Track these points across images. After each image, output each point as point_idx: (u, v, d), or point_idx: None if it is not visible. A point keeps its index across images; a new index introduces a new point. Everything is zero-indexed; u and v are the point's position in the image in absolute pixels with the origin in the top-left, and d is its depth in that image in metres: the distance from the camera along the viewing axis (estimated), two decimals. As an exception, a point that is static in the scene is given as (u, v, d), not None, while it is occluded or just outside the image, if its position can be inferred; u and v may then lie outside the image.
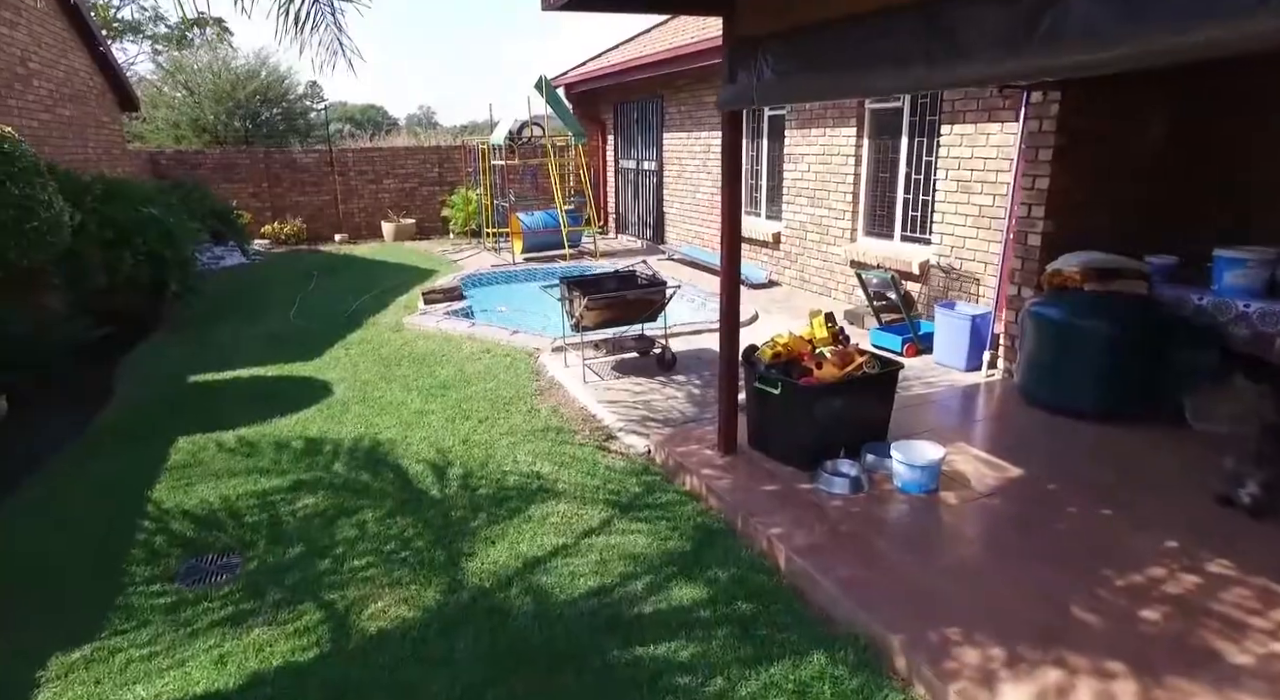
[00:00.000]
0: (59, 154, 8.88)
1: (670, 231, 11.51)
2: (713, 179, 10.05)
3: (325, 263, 11.62)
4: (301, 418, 5.03)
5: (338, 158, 14.49)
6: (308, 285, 9.64)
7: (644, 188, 12.39)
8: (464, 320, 7.28)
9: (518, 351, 6.35)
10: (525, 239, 10.99)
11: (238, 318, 8.03)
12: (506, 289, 9.52)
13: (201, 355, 6.60)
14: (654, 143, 11.81)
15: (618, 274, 6.13)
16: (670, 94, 10.85)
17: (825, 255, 7.95)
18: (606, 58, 12.72)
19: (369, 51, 4.99)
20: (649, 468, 4.20)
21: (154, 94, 15.75)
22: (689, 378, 5.60)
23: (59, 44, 9.42)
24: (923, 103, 6.57)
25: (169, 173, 13.37)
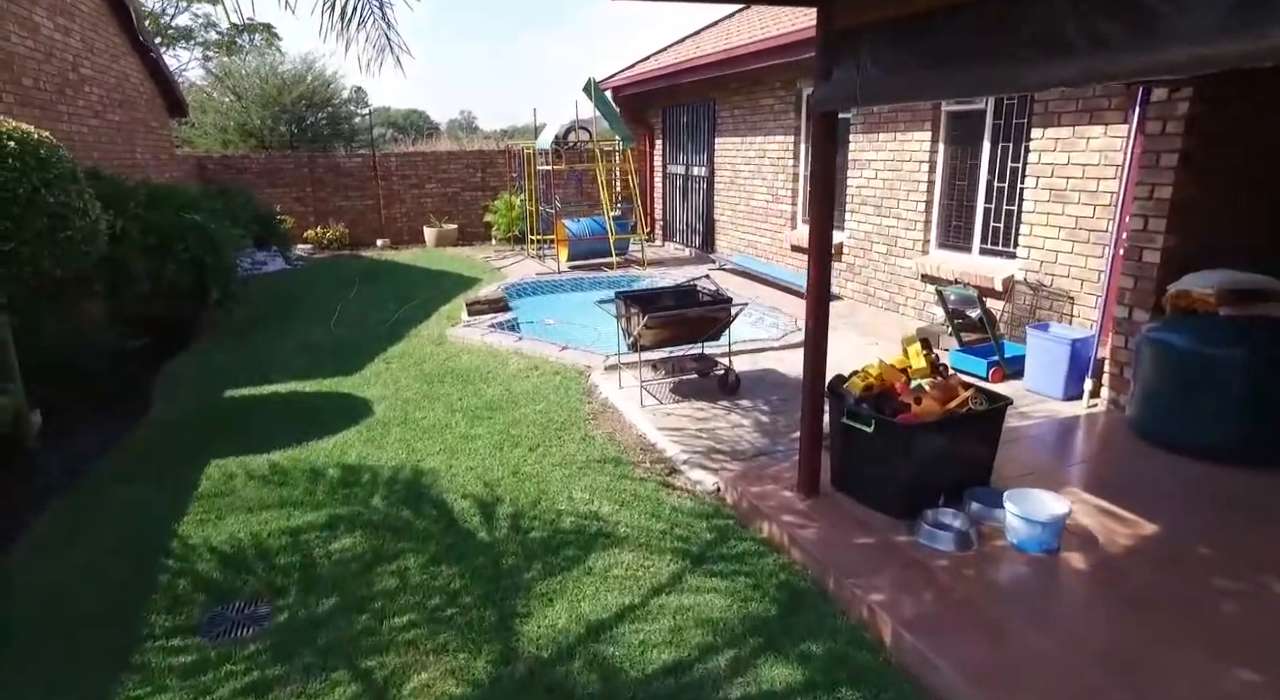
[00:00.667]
0: (107, 159, 8.79)
1: (721, 240, 11.06)
2: (767, 185, 9.59)
3: (367, 269, 11.43)
4: (339, 441, 4.70)
5: (381, 162, 14.36)
6: (349, 292, 9.42)
7: (693, 194, 11.97)
8: (510, 334, 6.93)
9: (568, 369, 5.96)
10: (571, 247, 10.64)
11: (278, 326, 7.81)
12: (553, 299, 9.18)
13: (240, 366, 6.35)
14: (704, 147, 11.38)
15: (678, 289, 5.70)
16: (723, 97, 10.41)
17: (893, 268, 7.43)
18: (656, 60, 12.34)
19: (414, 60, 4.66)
20: (720, 509, 3.76)
21: (203, 99, 15.85)
22: (755, 402, 5.15)
23: (110, 50, 9.36)
24: (1009, 105, 6.03)
25: (216, 177, 13.36)
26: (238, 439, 4.78)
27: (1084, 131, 5.20)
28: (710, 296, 5.40)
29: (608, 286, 9.67)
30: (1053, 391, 5.02)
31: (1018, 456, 4.02)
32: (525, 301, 8.97)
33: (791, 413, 4.93)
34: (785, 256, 9.35)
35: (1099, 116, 5.07)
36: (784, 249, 9.35)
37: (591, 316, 7.97)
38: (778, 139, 9.22)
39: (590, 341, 6.98)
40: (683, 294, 5.55)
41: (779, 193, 9.34)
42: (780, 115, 9.11)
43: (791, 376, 5.69)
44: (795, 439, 4.49)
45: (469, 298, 8.11)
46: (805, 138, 8.82)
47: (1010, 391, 5.18)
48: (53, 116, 7.46)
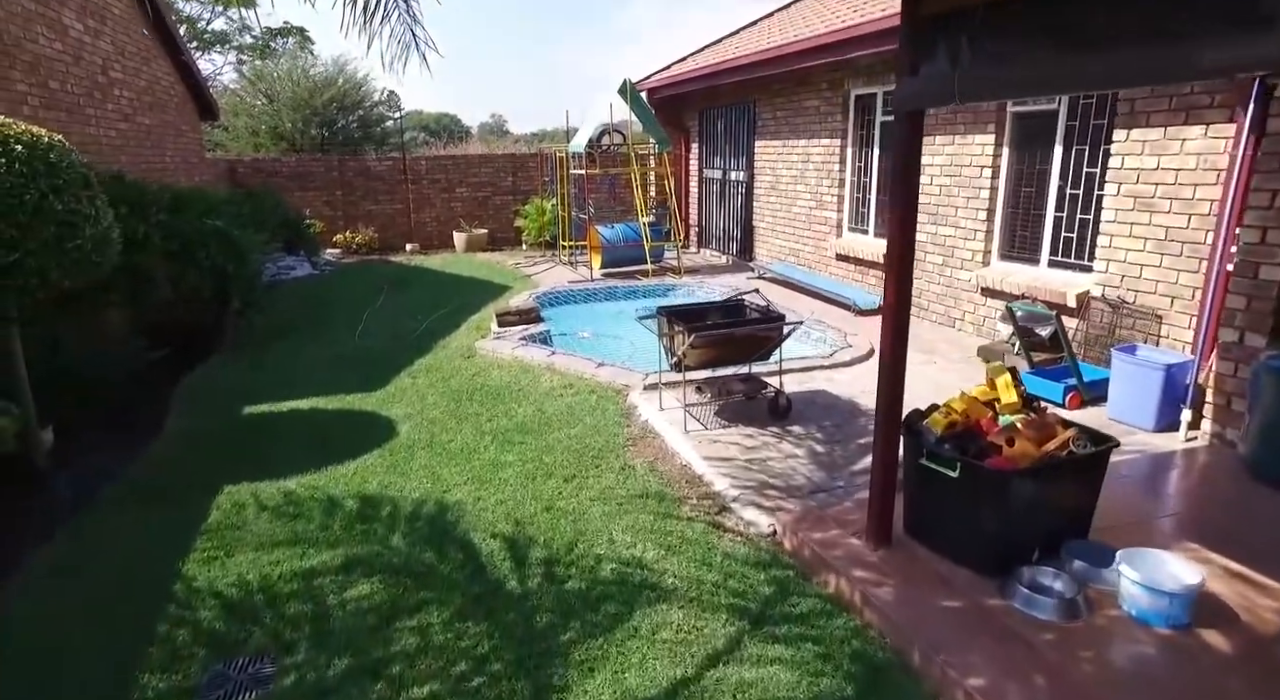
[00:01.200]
0: (135, 163, 8.64)
1: (760, 247, 10.63)
2: (811, 191, 9.14)
3: (395, 275, 11.19)
4: (360, 466, 4.37)
5: (411, 165, 14.16)
6: (376, 300, 9.16)
7: (730, 199, 11.55)
8: (542, 348, 6.58)
9: (604, 388, 5.59)
10: (604, 254, 10.29)
11: (302, 335, 7.55)
12: (586, 309, 8.82)
13: (261, 380, 6.08)
14: (743, 151, 10.96)
15: (725, 304, 5.29)
16: (764, 99, 9.99)
17: (949, 280, 6.94)
18: (693, 60, 11.95)
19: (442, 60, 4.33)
20: (778, 557, 3.35)
21: (235, 102, 15.81)
22: (807, 429, 4.72)
23: (141, 53, 9.23)
24: (1086, 104, 5.54)
25: (247, 181, 13.26)
26: (253, 461, 4.48)
27: (1179, 133, 4.70)
28: (760, 313, 4.98)
29: (643, 296, 9.30)
30: (1142, 422, 4.52)
31: (1116, 500, 3.54)
32: (557, 311, 8.63)
33: (849, 442, 4.50)
34: (829, 266, 8.89)
35: (1197, 115, 4.57)
36: (828, 258, 8.90)
37: (628, 329, 7.61)
38: (823, 142, 8.77)
39: (627, 356, 6.60)
40: (730, 309, 5.15)
41: (823, 199, 8.89)
42: (826, 117, 8.66)
43: (844, 399, 5.25)
44: (856, 473, 4.07)
45: (499, 308, 7.78)
46: (853, 141, 8.37)
47: (1091, 420, 4.69)
48: (80, 120, 7.30)
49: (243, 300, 6.94)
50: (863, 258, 8.10)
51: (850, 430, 4.68)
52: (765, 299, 5.11)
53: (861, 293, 8.01)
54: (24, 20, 6.38)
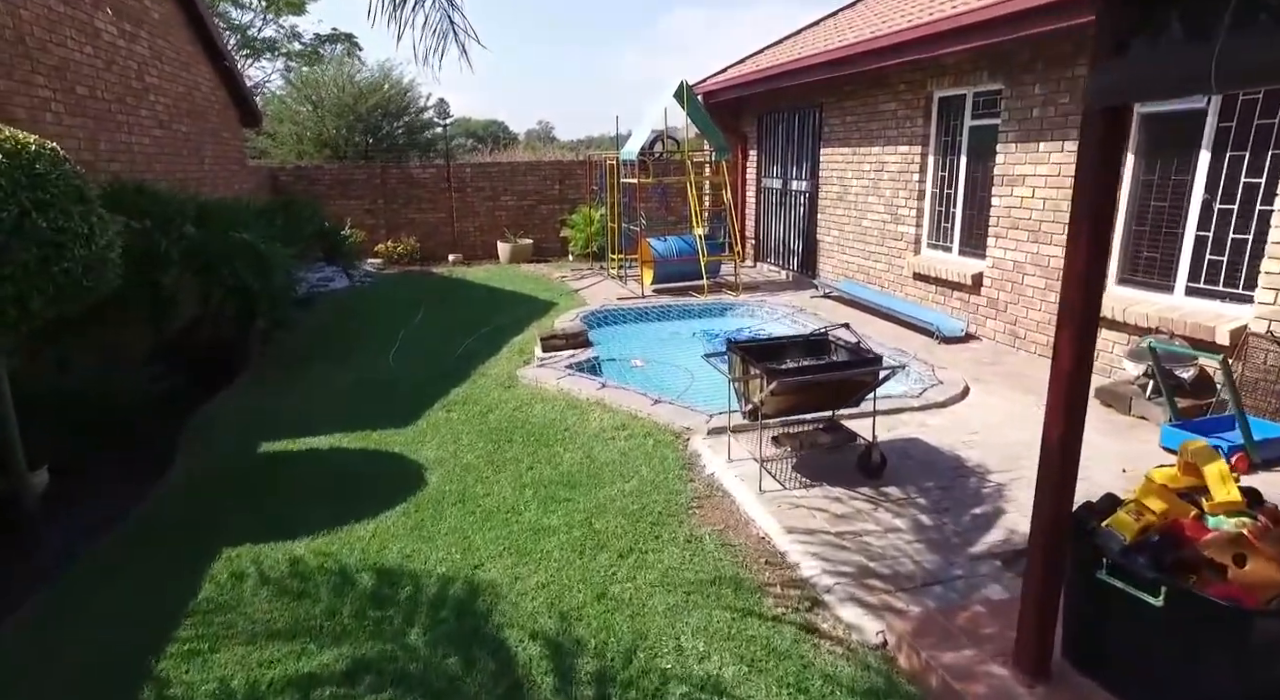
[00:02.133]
0: (170, 171, 8.29)
1: (824, 263, 9.82)
2: (885, 203, 8.32)
3: (436, 288, 10.70)
4: (380, 526, 3.76)
5: (455, 173, 13.72)
6: (414, 316, 8.64)
7: (791, 210, 10.77)
8: (590, 378, 5.91)
9: (662, 431, 4.89)
10: (656, 269, 9.61)
11: (333, 356, 7.04)
12: (638, 330, 8.14)
13: (283, 410, 5.55)
14: (807, 159, 10.19)
15: (807, 339, 4.53)
16: (832, 102, 9.21)
17: (1054, 307, 6.06)
18: (753, 62, 11.22)
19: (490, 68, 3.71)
20: (894, 682, 2.60)
21: (280, 109, 15.62)
22: (906, 492, 3.95)
23: (180, 58, 8.90)
24: (1248, 101, 4.65)
25: (289, 189, 12.98)
26: (261, 514, 3.91)
27: (1377, 138, 3.81)
28: (851, 351, 4.22)
29: (698, 316, 8.59)
30: (1335, 496, 3.63)
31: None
32: (606, 332, 7.96)
33: (960, 511, 3.72)
34: (906, 285, 8.05)
35: None
36: (904, 277, 8.06)
37: (684, 354, 6.92)
38: (900, 150, 7.96)
39: (684, 388, 5.90)
40: (813, 345, 4.39)
41: (899, 211, 8.06)
42: (904, 122, 7.85)
43: (944, 451, 4.45)
44: (977, 558, 3.30)
45: (544, 330, 7.14)
46: (935, 148, 7.53)
47: (1262, 487, 3.82)
48: (110, 127, 6.91)
49: (269, 319, 6.44)
50: (945, 278, 7.25)
51: (960, 495, 3.89)
52: (855, 333, 4.34)
53: (944, 318, 7.16)
54: (50, 24, 6.00)
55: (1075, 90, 5.61)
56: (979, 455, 4.38)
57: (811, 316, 7.97)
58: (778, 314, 8.35)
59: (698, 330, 7.56)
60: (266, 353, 6.80)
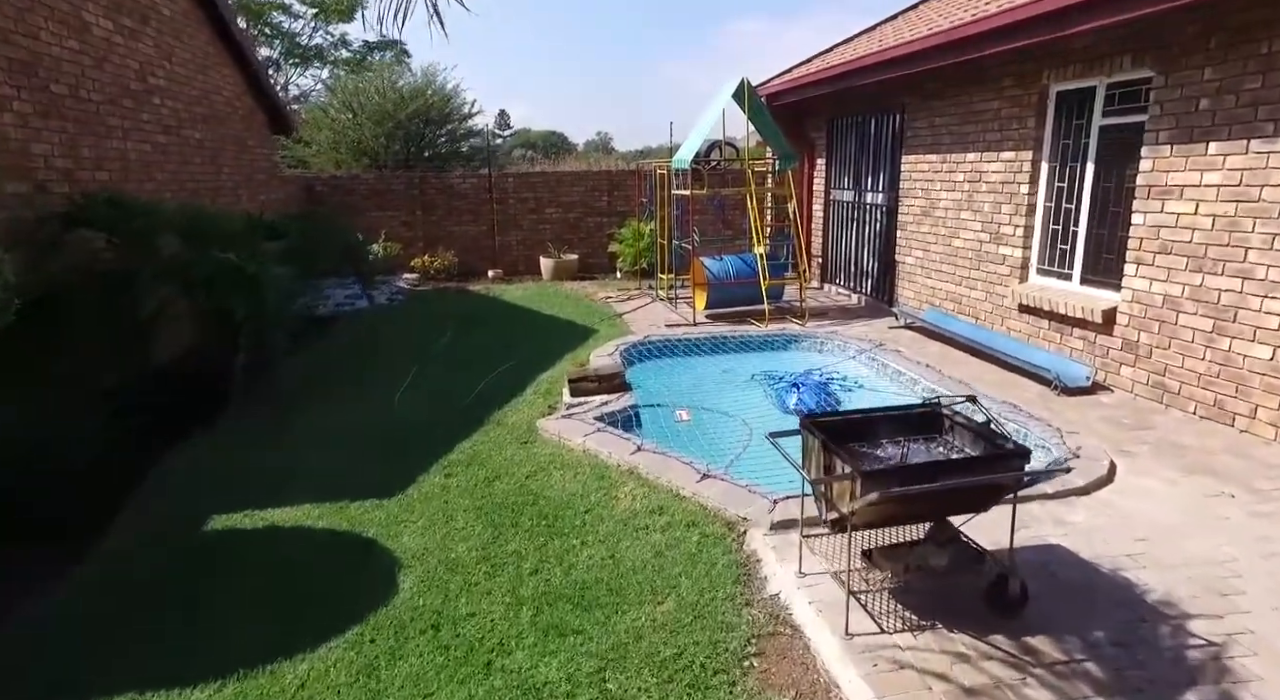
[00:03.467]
0: (177, 181, 7.58)
1: (904, 288, 8.53)
2: (983, 219, 7.01)
3: (468, 308, 9.79)
4: (315, 670, 2.73)
5: (496, 183, 12.87)
6: (438, 341, 7.70)
7: (865, 226, 9.51)
8: (624, 437, 4.79)
9: (709, 519, 3.75)
10: (710, 292, 8.48)
11: (334, 392, 6.14)
12: (685, 366, 7.00)
13: (254, 467, 4.63)
14: (884, 168, 8.93)
15: (908, 413, 3.29)
16: (917, 103, 7.95)
17: (1226, 356, 4.70)
18: (823, 60, 10.02)
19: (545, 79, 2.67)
20: None
21: (318, 116, 15.07)
22: (1061, 643, 2.71)
23: (196, 59, 8.23)
24: None
25: (325, 200, 12.34)
26: (164, 642, 2.93)
27: None
28: (976, 434, 2.99)
29: (757, 349, 7.42)
30: None
31: None
32: (649, 369, 6.86)
33: (1161, 691, 2.46)
34: (1008, 318, 6.72)
35: None
36: (1006, 308, 6.73)
37: (741, 400, 5.76)
38: (1003, 156, 6.66)
39: (739, 450, 4.76)
40: (921, 421, 3.18)
41: (1001, 230, 6.75)
42: (1009, 123, 6.55)
43: (1104, 571, 3.19)
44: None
45: (575, 368, 6.07)
46: (1051, 154, 6.22)
47: None
48: (97, 131, 6.18)
49: (256, 350, 5.55)
50: (1061, 312, 5.92)
51: (1149, 658, 2.64)
52: (985, 410, 3.12)
53: (1063, 361, 5.82)
54: (17, 12, 5.26)
55: (1274, 71, 4.27)
56: (1157, 580, 3.11)
57: (893, 354, 6.71)
58: (851, 349, 7.12)
59: (757, 371, 6.38)
60: (258, 386, 5.91)
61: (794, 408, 5.64)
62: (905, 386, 6.10)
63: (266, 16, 17.77)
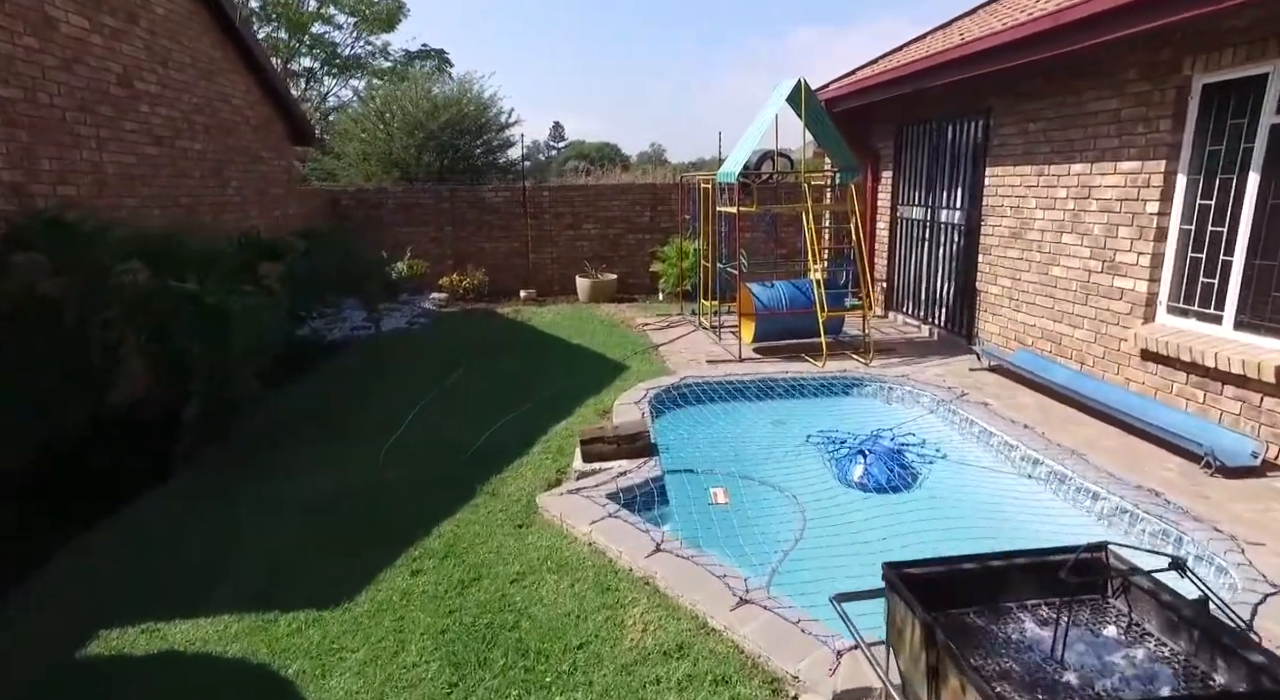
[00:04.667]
0: (169, 196, 6.89)
1: (987, 321, 7.29)
2: (1092, 243, 5.78)
3: (492, 335, 8.90)
4: None
5: (531, 197, 12.02)
6: (448, 378, 6.80)
7: (939, 248, 8.29)
8: (642, 530, 3.71)
9: (747, 673, 2.68)
10: (759, 323, 7.40)
11: (313, 441, 5.26)
12: (726, 414, 5.92)
13: (181, 553, 3.75)
14: (962, 181, 7.72)
15: (1049, 561, 2.16)
16: (1006, 105, 6.75)
17: None
18: (891, 60, 8.87)
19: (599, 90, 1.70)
20: None
21: (348, 126, 14.49)
22: None
23: (199, 64, 7.57)
24: None
25: (350, 214, 11.68)
26: None
27: None
28: (1179, 616, 1.85)
29: (813, 393, 6.29)
30: None
31: None
32: (682, 418, 5.82)
33: None
34: (1125, 366, 5.47)
35: None
36: (1123, 354, 5.48)
37: (792, 468, 4.66)
38: (1123, 166, 5.43)
39: (788, 549, 3.67)
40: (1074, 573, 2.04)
41: (1120, 258, 5.51)
42: (1132, 127, 5.33)
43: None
44: None
45: (589, 429, 5.00)
46: (1192, 164, 4.97)
47: None
48: (61, 141, 5.47)
49: (206, 402, 4.68)
50: (1208, 364, 4.65)
51: None
52: (1195, 577, 1.96)
53: (1213, 429, 4.55)
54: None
55: None
56: None
57: (979, 408, 5.52)
58: (926, 398, 5.95)
59: (813, 431, 5.25)
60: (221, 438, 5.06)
61: (859, 480, 4.53)
62: (999, 453, 4.92)
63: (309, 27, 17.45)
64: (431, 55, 18.86)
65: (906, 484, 4.52)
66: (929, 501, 4.33)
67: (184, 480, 4.62)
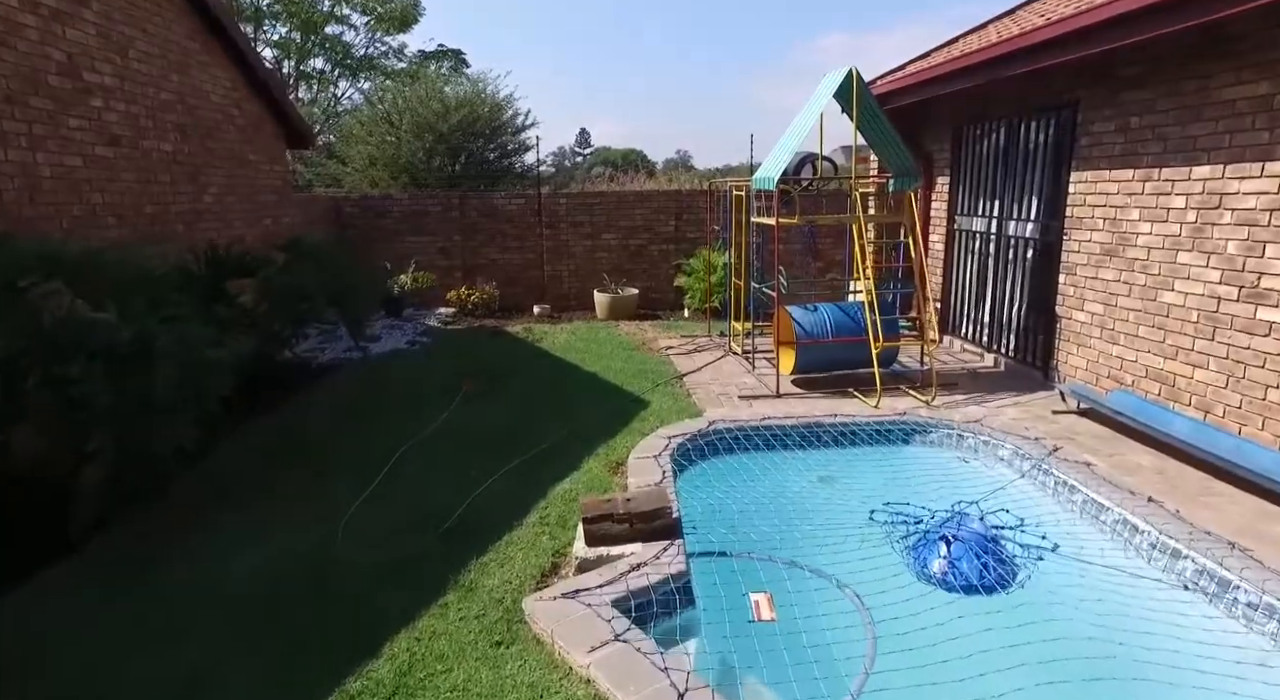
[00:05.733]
0: (128, 205, 6.07)
1: (1071, 353, 6.19)
2: (1223, 263, 4.68)
3: (496, 360, 7.96)
4: None
5: (546, 204, 11.10)
6: (439, 414, 5.87)
7: (1006, 265, 7.21)
8: (660, 666, 2.69)
9: None
10: (800, 354, 6.37)
11: (261, 506, 4.33)
12: (762, 467, 4.87)
13: (38, 687, 2.83)
14: (1036, 188, 6.64)
15: None
16: (1099, 97, 5.68)
17: None
18: (953, 50, 7.82)
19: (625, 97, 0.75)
20: None
21: (353, 128, 13.68)
22: None
23: (170, 56, 6.76)
24: None
25: (354, 223, 10.86)
26: None
27: None
28: None
29: (868, 441, 5.25)
30: None
31: None
32: (710, 476, 4.80)
33: None
34: (1270, 416, 4.36)
35: None
36: (1272, 404, 4.37)
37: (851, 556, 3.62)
38: (1271, 168, 4.34)
39: (859, 679, 2.65)
40: None
41: (1265, 283, 4.41)
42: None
43: None
44: None
45: (593, 503, 4.00)
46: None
47: None
48: (-16, 138, 4.65)
49: (136, 457, 3.78)
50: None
51: None
52: None
53: None
54: None
55: None
56: None
57: (1081, 469, 4.44)
58: (1006, 450, 4.89)
59: (877, 505, 4.18)
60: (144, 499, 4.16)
61: (941, 576, 3.49)
62: (1117, 536, 3.84)
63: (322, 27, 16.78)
64: (448, 55, 18.10)
65: (1004, 582, 3.47)
66: (1034, 609, 3.28)
67: (95, 552, 3.73)
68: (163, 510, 4.19)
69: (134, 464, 3.75)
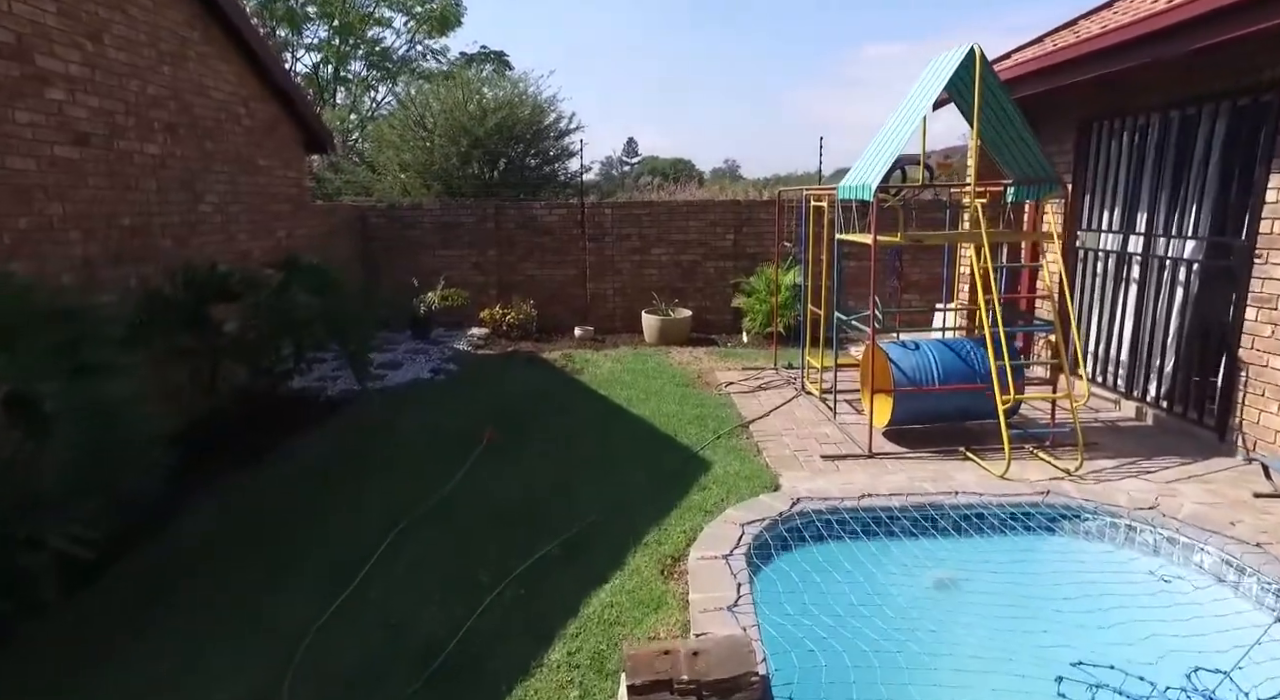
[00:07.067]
0: (102, 215, 5.16)
1: (1264, 411, 4.77)
2: None
3: (527, 397, 6.84)
4: None
5: (591, 216, 10.00)
6: (450, 475, 4.77)
7: (1155, 293, 5.81)
8: None
9: None
10: (898, 403, 5.09)
11: (196, 625, 3.26)
12: (857, 572, 3.59)
13: None
14: (1201, 197, 5.25)
15: None
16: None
17: None
18: (1081, 28, 6.45)
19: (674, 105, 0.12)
20: None
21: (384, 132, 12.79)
22: None
23: (161, 46, 5.85)
24: None
25: (380, 234, 9.95)
26: None
27: None
28: None
29: (998, 530, 3.96)
30: None
31: None
32: (797, 580, 3.54)
33: None
34: None
35: None
36: None
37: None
38: None
39: None
40: None
41: None
42: None
43: None
44: None
45: (641, 654, 2.85)
46: None
47: None
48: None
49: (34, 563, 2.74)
50: None
51: None
52: None
53: None
54: None
55: None
56: None
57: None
58: (1210, 556, 3.53)
59: (1071, 659, 2.85)
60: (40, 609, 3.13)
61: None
62: None
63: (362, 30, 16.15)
64: (490, 58, 17.29)
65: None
66: None
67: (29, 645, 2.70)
68: (54, 628, 3.15)
69: (16, 577, 2.70)
